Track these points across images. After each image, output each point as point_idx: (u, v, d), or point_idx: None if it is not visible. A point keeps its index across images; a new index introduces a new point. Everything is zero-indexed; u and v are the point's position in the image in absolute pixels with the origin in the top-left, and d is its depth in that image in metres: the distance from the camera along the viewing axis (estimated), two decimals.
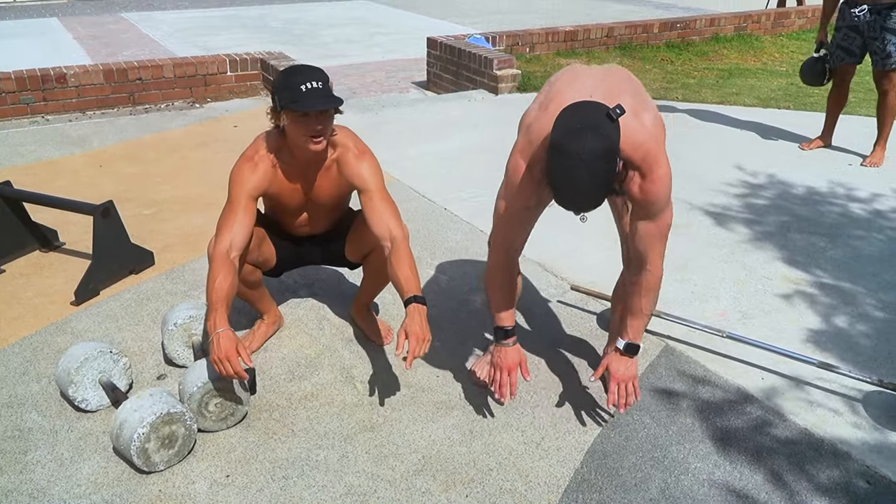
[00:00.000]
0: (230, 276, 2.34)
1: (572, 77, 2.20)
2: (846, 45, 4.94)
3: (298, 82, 2.31)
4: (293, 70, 2.40)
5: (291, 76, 2.35)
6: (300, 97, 2.31)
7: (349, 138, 2.58)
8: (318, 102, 2.32)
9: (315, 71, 2.38)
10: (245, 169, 2.51)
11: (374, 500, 2.18)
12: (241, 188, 2.48)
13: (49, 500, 2.16)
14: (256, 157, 2.52)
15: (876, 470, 2.34)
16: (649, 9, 12.52)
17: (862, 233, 3.96)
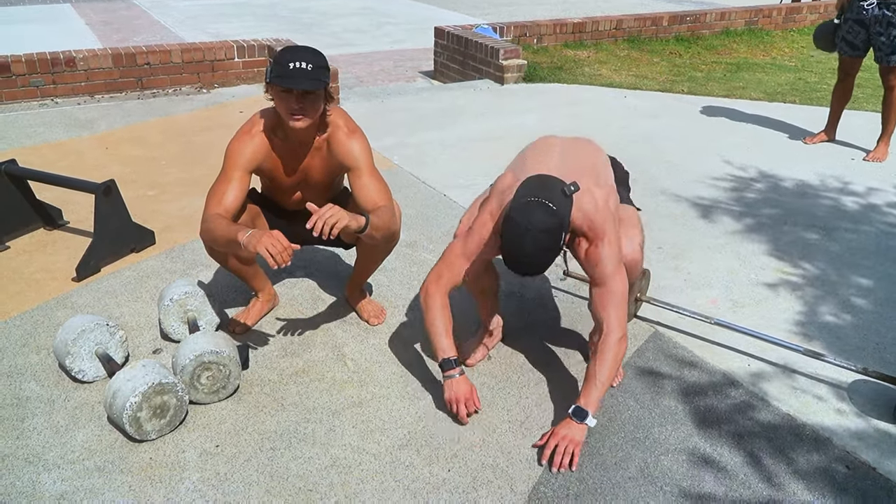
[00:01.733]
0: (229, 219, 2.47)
1: (544, 149, 2.51)
2: (850, 38, 4.94)
3: (289, 59, 2.37)
4: (290, 48, 2.44)
5: (286, 53, 2.40)
6: (286, 74, 2.36)
7: (341, 118, 2.62)
8: (300, 82, 2.36)
9: (310, 52, 2.42)
10: (241, 142, 2.57)
11: (358, 472, 2.23)
12: (235, 160, 2.55)
13: (44, 465, 2.22)
14: (253, 131, 2.59)
15: (856, 455, 2.37)
16: (660, 2, 12.49)
17: (859, 227, 3.98)
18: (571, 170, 2.37)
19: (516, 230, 2.10)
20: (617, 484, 2.22)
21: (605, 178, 2.48)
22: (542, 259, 2.14)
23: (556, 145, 2.54)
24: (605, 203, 2.36)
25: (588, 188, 2.33)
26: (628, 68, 7.47)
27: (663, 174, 4.63)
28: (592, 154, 2.56)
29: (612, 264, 2.32)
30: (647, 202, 4.21)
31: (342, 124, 2.61)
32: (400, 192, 4.23)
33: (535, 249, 2.11)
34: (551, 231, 2.10)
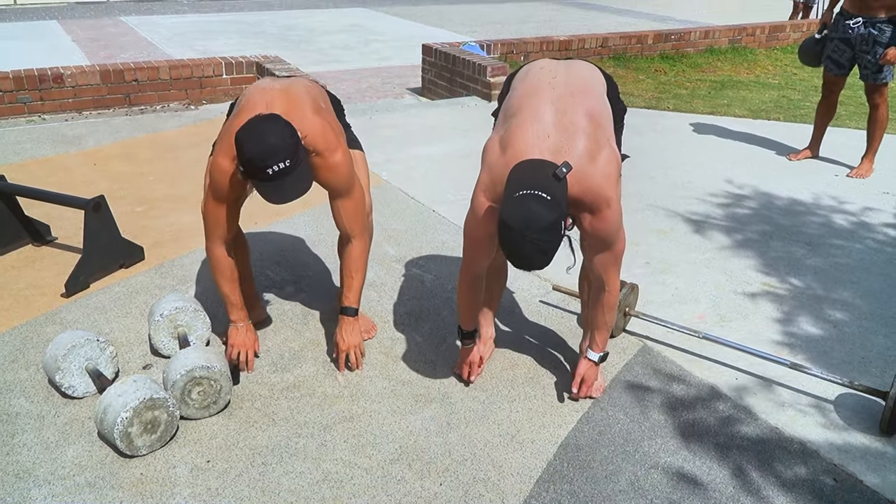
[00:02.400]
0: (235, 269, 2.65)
1: (533, 106, 2.28)
2: (836, 56, 5.01)
3: (260, 161, 2.21)
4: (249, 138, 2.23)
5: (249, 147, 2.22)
6: (266, 180, 2.24)
7: (318, 140, 2.47)
8: (288, 194, 2.28)
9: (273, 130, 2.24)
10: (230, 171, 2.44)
11: (350, 486, 2.24)
12: (225, 183, 2.47)
13: (34, 480, 2.21)
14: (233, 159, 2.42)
15: (843, 468, 2.40)
16: (646, 21, 12.63)
17: (843, 242, 4.03)
18: (567, 132, 2.21)
19: (513, 235, 2.00)
20: (607, 497, 2.23)
21: (605, 128, 2.31)
22: (544, 257, 2.05)
23: (546, 98, 2.30)
24: (608, 165, 2.24)
25: (589, 154, 2.20)
26: None
27: (649, 190, 4.68)
28: (590, 95, 2.35)
29: (616, 230, 2.31)
30: (634, 217, 4.25)
31: (322, 149, 2.47)
32: (388, 208, 4.25)
33: (534, 251, 2.01)
34: (550, 228, 1.99)
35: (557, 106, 2.27)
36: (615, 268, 2.43)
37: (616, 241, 2.35)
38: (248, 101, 2.49)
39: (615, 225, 2.30)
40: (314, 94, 2.67)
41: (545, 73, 2.41)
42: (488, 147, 2.36)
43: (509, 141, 2.25)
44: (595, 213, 2.24)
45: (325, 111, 2.62)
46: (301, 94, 2.56)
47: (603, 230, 2.29)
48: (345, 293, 2.72)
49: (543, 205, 1.99)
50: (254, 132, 2.23)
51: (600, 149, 2.23)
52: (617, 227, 2.32)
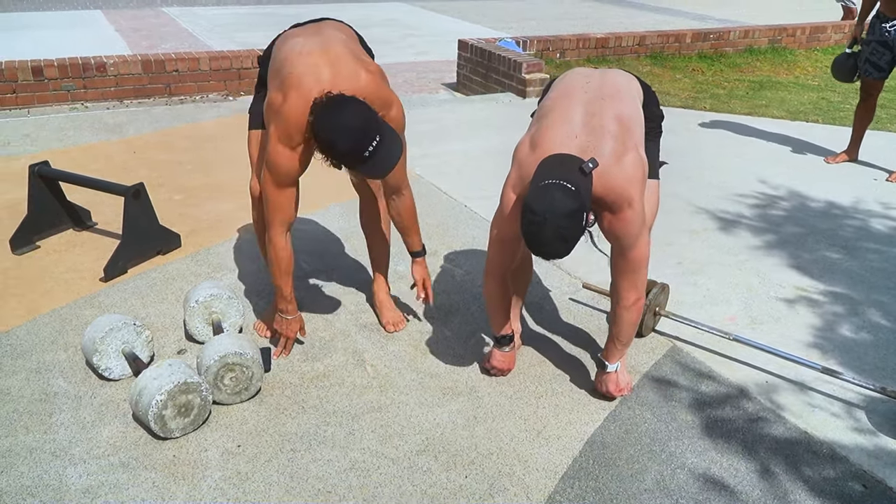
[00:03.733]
0: (292, 261, 2.66)
1: (565, 108, 2.34)
2: (874, 59, 4.94)
3: (359, 152, 2.28)
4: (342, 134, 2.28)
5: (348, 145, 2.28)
6: (364, 162, 2.31)
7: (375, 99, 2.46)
8: (387, 164, 2.35)
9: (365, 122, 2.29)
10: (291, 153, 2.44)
11: (376, 475, 2.27)
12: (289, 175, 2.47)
13: (70, 459, 2.28)
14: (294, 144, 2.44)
15: (872, 474, 2.37)
16: (684, 19, 12.51)
17: (879, 247, 3.97)
18: (595, 133, 2.26)
19: (536, 219, 2.05)
20: (633, 495, 2.24)
21: (633, 133, 2.33)
22: (564, 247, 2.10)
23: (578, 100, 2.36)
24: (633, 168, 2.26)
25: (616, 154, 2.23)
26: (650, 84, 7.47)
27: (684, 190, 4.65)
28: (622, 100, 2.38)
29: (636, 229, 2.30)
30: (668, 217, 4.22)
31: (379, 106, 2.47)
32: (421, 202, 4.24)
33: (555, 237, 2.06)
34: (571, 215, 2.04)
35: (588, 108, 2.32)
36: (630, 276, 2.38)
37: (633, 246, 2.32)
38: (295, 77, 2.40)
39: (635, 227, 2.29)
40: (349, 43, 2.60)
41: (580, 77, 2.48)
42: (519, 145, 2.40)
43: (539, 140, 2.30)
44: (615, 213, 2.28)
45: (363, 58, 2.57)
46: (341, 52, 2.50)
47: (621, 230, 2.30)
48: (410, 240, 2.90)
49: (567, 194, 2.05)
50: (334, 124, 2.27)
51: (626, 151, 2.26)
52: (636, 230, 2.30)
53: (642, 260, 2.37)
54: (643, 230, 2.34)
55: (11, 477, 2.20)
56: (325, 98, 2.32)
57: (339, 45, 2.53)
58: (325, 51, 2.48)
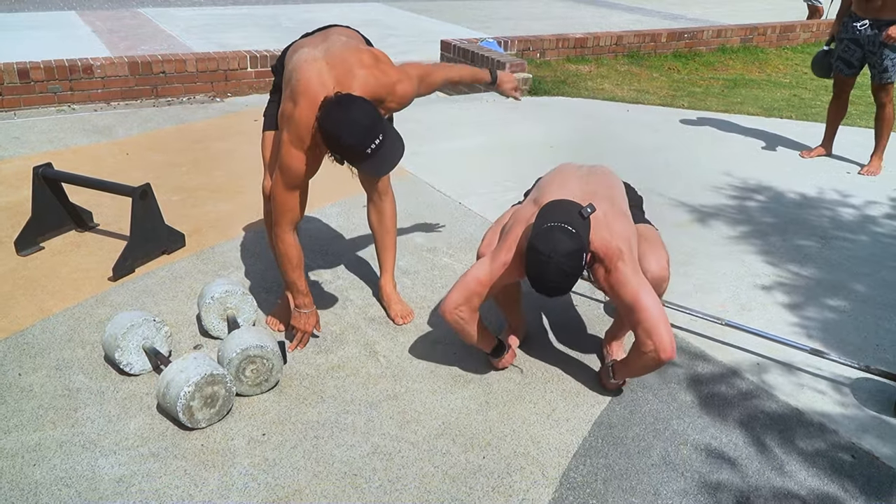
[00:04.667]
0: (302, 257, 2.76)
1: (563, 177, 2.69)
2: (846, 56, 5.14)
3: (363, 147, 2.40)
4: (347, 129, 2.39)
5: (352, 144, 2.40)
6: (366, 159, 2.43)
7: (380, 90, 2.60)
8: (389, 162, 2.48)
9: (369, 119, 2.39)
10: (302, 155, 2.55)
11: (399, 458, 2.38)
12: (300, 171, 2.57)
13: (101, 451, 2.35)
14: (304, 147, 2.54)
15: (860, 446, 2.53)
16: (657, 19, 12.73)
17: (855, 236, 4.16)
18: (588, 195, 2.53)
19: (539, 258, 2.25)
20: (641, 470, 2.37)
21: (620, 203, 2.62)
22: (566, 282, 2.28)
23: (573, 174, 2.71)
24: (624, 231, 2.49)
25: (604, 212, 2.48)
26: (629, 83, 7.67)
27: (667, 185, 4.81)
28: (609, 181, 2.73)
29: (634, 280, 2.42)
30: (653, 211, 4.37)
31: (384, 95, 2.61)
32: (417, 200, 4.39)
33: (558, 274, 2.25)
34: (572, 254, 2.24)
35: (582, 183, 2.64)
36: (641, 327, 2.42)
37: (640, 298, 2.40)
38: (303, 84, 2.51)
39: (631, 277, 2.41)
40: (350, 43, 2.73)
41: (571, 165, 2.84)
42: (522, 207, 2.66)
43: (541, 200, 2.52)
44: (609, 269, 2.43)
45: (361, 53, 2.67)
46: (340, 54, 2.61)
47: (618, 283, 2.42)
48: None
49: (568, 235, 2.25)
50: (341, 119, 2.38)
51: (617, 215, 2.53)
52: (636, 279, 2.41)
53: (657, 303, 2.43)
54: (643, 280, 2.44)
55: (45, 469, 2.28)
56: (334, 96, 2.44)
57: (340, 48, 2.65)
58: (328, 56, 2.60)
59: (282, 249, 2.72)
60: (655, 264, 2.61)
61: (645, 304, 2.40)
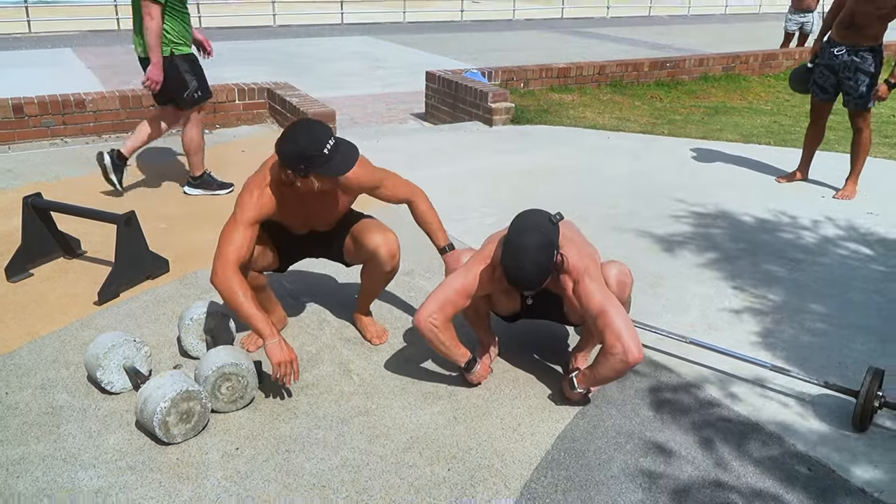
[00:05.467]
0: (248, 287, 2.71)
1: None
2: (821, 82, 5.29)
3: (319, 147, 2.61)
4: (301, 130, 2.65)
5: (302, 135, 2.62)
6: (327, 160, 2.64)
7: None
8: (349, 161, 2.70)
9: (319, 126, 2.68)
10: (253, 195, 2.76)
11: (366, 471, 2.46)
12: (243, 213, 2.75)
13: (81, 464, 2.44)
14: (263, 185, 2.77)
15: (818, 459, 2.62)
16: (644, 49, 12.99)
17: (825, 259, 4.27)
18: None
19: (515, 248, 2.50)
20: (600, 482, 2.46)
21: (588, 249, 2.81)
22: (539, 273, 2.50)
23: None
24: (586, 248, 2.77)
25: (572, 234, 2.76)
26: (611, 111, 7.84)
27: (642, 208, 4.94)
28: (574, 227, 2.94)
29: (600, 291, 2.62)
30: (628, 235, 4.51)
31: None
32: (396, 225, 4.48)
33: (531, 264, 2.48)
34: (544, 247, 2.49)
35: None
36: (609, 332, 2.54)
37: (606, 304, 2.57)
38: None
39: (598, 289, 2.60)
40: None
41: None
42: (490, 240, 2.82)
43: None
44: (576, 280, 2.64)
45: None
46: None
47: (585, 294, 2.60)
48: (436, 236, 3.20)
49: (539, 233, 2.52)
50: (296, 131, 2.64)
51: (583, 240, 2.82)
52: (601, 291, 2.60)
53: (621, 308, 2.59)
54: (608, 292, 2.63)
55: (27, 481, 2.36)
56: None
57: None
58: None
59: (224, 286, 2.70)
60: (616, 269, 2.82)
61: (612, 311, 2.56)
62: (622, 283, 2.80)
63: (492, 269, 2.70)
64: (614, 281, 2.76)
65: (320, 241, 3.12)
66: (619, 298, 2.70)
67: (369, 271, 3.13)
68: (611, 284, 2.72)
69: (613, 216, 4.79)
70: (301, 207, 2.89)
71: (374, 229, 3.02)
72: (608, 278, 2.73)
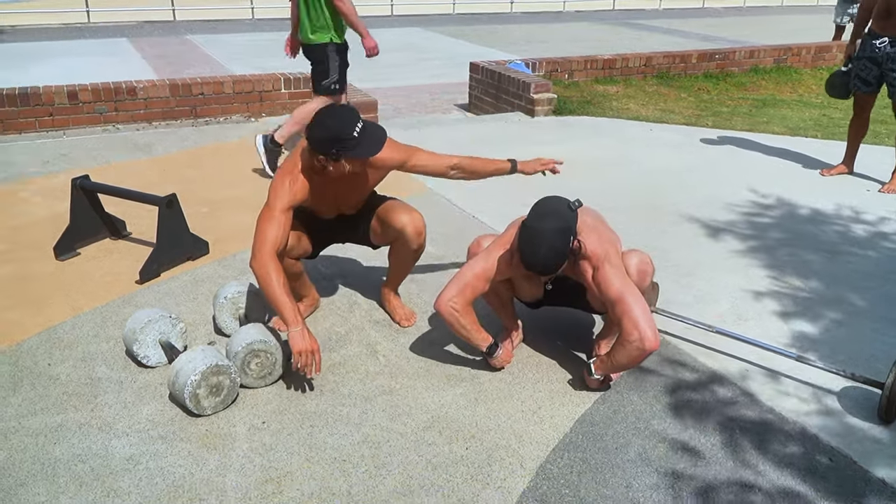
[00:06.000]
0: (283, 274, 2.76)
1: None
2: (864, 75, 5.19)
3: (349, 130, 2.69)
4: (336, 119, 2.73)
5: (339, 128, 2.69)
6: (357, 143, 2.71)
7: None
8: (378, 143, 2.76)
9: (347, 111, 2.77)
10: (285, 182, 2.84)
11: (386, 447, 2.53)
12: (278, 200, 2.83)
13: (115, 432, 2.56)
14: (296, 172, 2.86)
15: (840, 451, 2.60)
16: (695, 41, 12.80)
17: (864, 252, 4.20)
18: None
19: (531, 232, 2.54)
20: (616, 465, 2.49)
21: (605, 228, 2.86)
22: (554, 258, 2.53)
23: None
24: (607, 233, 2.80)
25: (593, 220, 2.79)
26: (655, 103, 7.77)
27: (681, 200, 4.91)
28: (597, 214, 2.95)
29: (619, 279, 2.64)
30: (665, 226, 4.49)
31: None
32: (432, 213, 4.54)
33: (547, 248, 2.52)
34: (561, 231, 2.52)
35: None
36: (627, 319, 2.59)
37: (625, 292, 2.60)
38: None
39: (617, 276, 2.63)
40: None
41: None
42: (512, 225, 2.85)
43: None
44: (595, 267, 2.67)
45: None
46: None
47: (604, 281, 2.64)
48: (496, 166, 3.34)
49: (557, 218, 2.57)
50: (324, 117, 2.74)
51: (604, 226, 2.84)
52: (620, 278, 2.63)
53: (639, 296, 2.61)
54: (627, 279, 2.66)
55: (64, 447, 2.49)
56: None
57: None
58: None
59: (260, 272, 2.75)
60: (636, 257, 2.83)
61: (630, 298, 2.60)
62: (643, 273, 2.81)
63: (510, 255, 2.74)
64: (634, 270, 2.77)
65: (347, 225, 3.20)
66: (640, 287, 2.72)
67: (397, 250, 3.19)
68: (631, 273, 2.74)
69: (651, 207, 4.78)
70: (331, 191, 2.96)
71: (400, 209, 3.07)
72: (629, 267, 2.75)
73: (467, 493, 2.35)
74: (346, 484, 2.37)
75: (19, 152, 5.66)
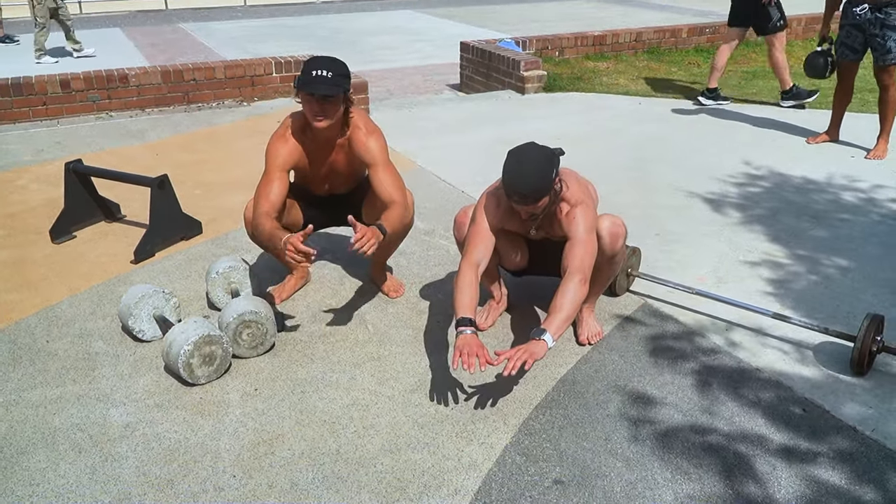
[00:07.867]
0: (277, 223, 2.88)
1: None
2: (849, 42, 5.25)
3: (312, 68, 2.80)
4: (315, 58, 2.88)
5: (310, 62, 2.83)
6: (309, 80, 2.79)
7: (361, 119, 3.04)
8: (319, 87, 2.78)
9: (330, 61, 2.85)
10: (277, 145, 3.00)
11: (375, 409, 2.63)
12: (273, 161, 2.98)
13: (112, 402, 2.66)
14: (287, 135, 3.01)
15: (813, 401, 2.69)
16: (688, 16, 12.80)
17: (849, 216, 4.27)
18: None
19: (518, 156, 2.59)
20: (596, 420, 2.58)
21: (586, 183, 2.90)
22: (539, 182, 2.54)
23: None
24: (586, 189, 2.81)
25: (576, 176, 2.79)
26: (646, 78, 7.81)
27: (669, 170, 4.98)
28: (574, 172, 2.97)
29: (586, 228, 2.67)
30: (651, 195, 4.56)
31: (362, 125, 3.03)
32: (420, 189, 4.63)
33: (534, 167, 2.55)
34: (547, 158, 2.57)
35: None
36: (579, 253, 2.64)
37: (584, 238, 2.66)
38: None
39: (585, 223, 2.68)
40: None
41: None
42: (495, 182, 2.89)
43: None
44: (571, 207, 2.70)
45: None
46: None
47: (573, 219, 2.69)
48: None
49: (542, 150, 2.62)
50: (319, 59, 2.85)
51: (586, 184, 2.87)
52: (587, 228, 2.68)
53: (592, 252, 2.68)
54: (592, 233, 2.70)
55: (63, 417, 2.59)
56: None
57: None
58: None
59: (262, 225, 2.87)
60: (608, 220, 2.85)
61: (586, 247, 2.65)
62: (614, 235, 2.83)
63: (496, 199, 2.77)
64: (606, 233, 2.79)
65: (341, 204, 3.26)
66: (612, 250, 2.79)
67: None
68: (603, 236, 2.78)
69: (639, 178, 4.85)
70: (319, 159, 3.05)
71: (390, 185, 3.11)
72: (600, 230, 2.77)
73: (452, 449, 2.44)
74: (336, 444, 2.46)
75: (14, 142, 5.73)
